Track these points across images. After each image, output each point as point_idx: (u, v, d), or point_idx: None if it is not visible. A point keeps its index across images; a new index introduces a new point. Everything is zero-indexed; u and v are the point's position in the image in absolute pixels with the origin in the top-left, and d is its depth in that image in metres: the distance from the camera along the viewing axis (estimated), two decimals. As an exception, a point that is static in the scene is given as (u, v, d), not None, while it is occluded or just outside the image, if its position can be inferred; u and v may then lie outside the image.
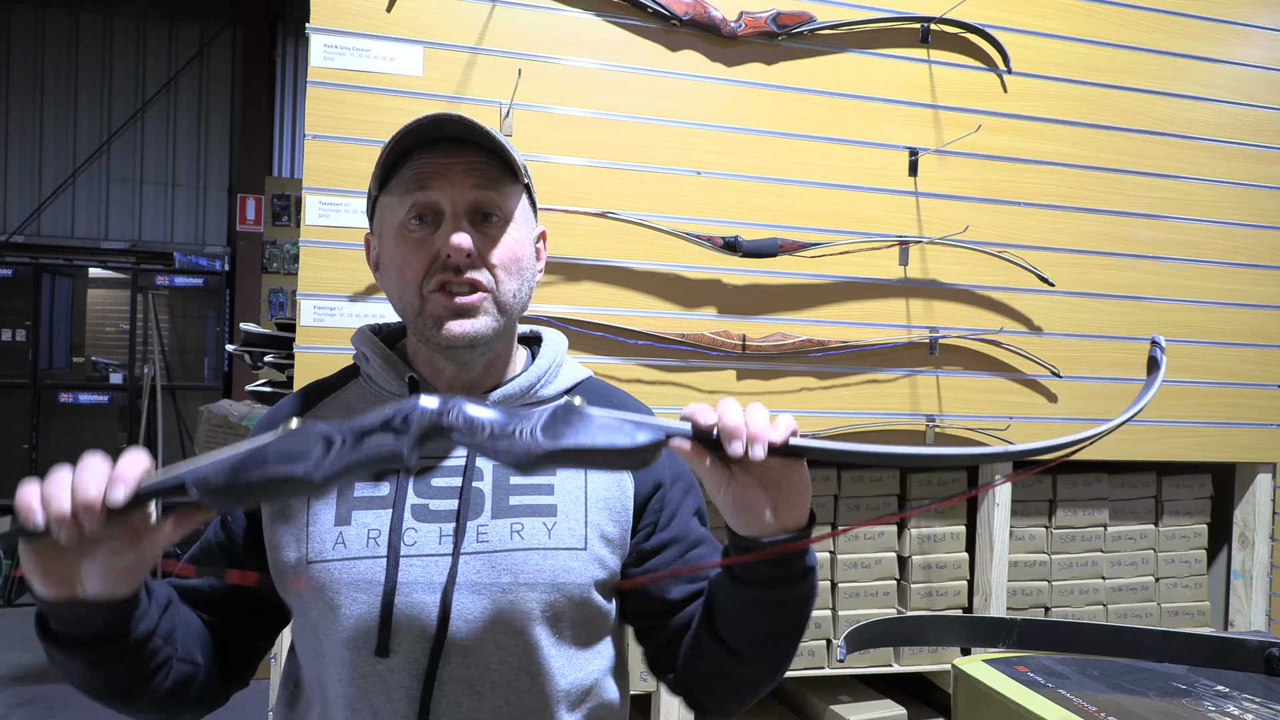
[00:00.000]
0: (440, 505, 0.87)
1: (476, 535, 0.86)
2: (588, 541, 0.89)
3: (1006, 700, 1.05)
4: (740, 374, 1.83)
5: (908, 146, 1.92)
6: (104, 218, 6.96)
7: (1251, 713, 0.99)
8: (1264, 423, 2.17)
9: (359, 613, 0.84)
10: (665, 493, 0.95)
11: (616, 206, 1.74)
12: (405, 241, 0.87)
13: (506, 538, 0.86)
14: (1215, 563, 2.30)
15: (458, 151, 0.88)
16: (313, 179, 1.62)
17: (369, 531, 0.86)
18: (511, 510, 0.88)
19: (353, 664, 0.83)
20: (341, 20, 1.63)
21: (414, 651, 0.83)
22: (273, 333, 1.99)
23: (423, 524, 0.86)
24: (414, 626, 0.83)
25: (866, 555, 1.98)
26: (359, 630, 0.83)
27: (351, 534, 0.86)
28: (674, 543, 0.94)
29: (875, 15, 1.88)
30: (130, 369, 6.30)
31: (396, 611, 0.83)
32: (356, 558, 0.85)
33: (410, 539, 0.85)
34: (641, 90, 1.77)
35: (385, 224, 0.91)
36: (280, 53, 7.24)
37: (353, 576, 0.84)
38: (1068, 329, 2.02)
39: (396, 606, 0.83)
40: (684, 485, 0.97)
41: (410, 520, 0.86)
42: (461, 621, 0.83)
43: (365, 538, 0.86)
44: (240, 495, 0.61)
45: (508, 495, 0.89)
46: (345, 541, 0.86)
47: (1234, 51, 2.14)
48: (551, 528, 0.88)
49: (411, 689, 0.82)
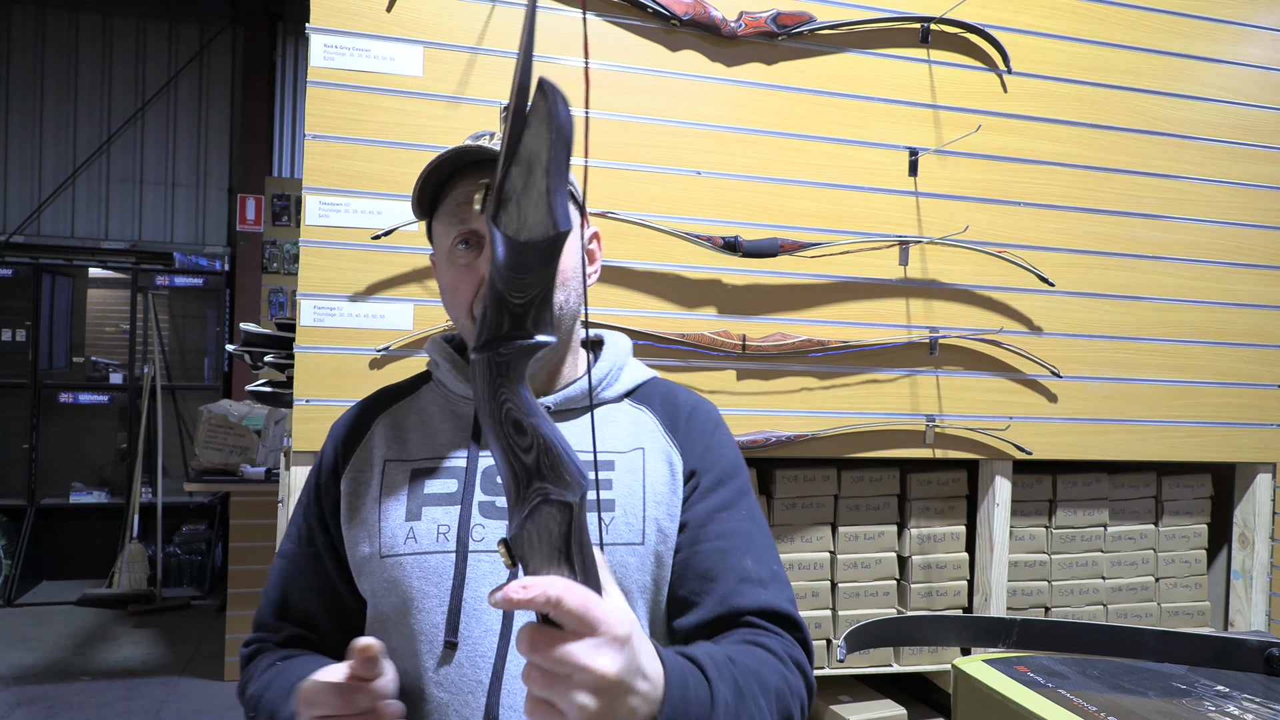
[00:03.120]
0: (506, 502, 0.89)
1: None
2: (645, 536, 0.91)
3: (1006, 700, 1.05)
4: (740, 374, 1.83)
5: (908, 146, 1.92)
6: (104, 218, 6.95)
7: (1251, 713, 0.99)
8: (1264, 423, 2.17)
9: (429, 605, 0.86)
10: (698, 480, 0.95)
11: (616, 206, 1.74)
12: (454, 267, 0.93)
13: None
14: (1215, 563, 2.30)
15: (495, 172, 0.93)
16: (313, 179, 1.62)
17: (439, 527, 0.89)
18: None
19: (422, 657, 0.86)
20: (341, 20, 1.63)
21: (482, 645, 0.85)
22: (273, 333, 1.99)
23: (490, 520, 0.89)
24: (481, 620, 0.85)
25: (866, 555, 1.98)
26: (430, 623, 0.86)
27: (422, 529, 0.90)
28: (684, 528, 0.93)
29: (875, 15, 1.88)
30: (130, 369, 6.30)
31: (465, 605, 0.85)
32: (427, 552, 0.88)
33: (479, 535, 0.88)
34: (641, 90, 1.77)
35: (438, 249, 0.97)
36: (280, 53, 7.24)
37: (423, 570, 0.87)
38: (1068, 329, 2.02)
39: (465, 600, 0.85)
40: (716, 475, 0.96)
41: (478, 516, 0.89)
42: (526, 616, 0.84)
43: (435, 533, 0.89)
44: None
45: None
46: (416, 536, 0.89)
47: (1234, 51, 2.14)
48: (610, 523, 0.90)
49: (480, 683, 0.84)
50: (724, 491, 0.95)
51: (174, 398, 6.45)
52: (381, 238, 1.63)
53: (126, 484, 5.86)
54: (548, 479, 0.55)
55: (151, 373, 6.03)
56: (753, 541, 0.92)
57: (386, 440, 0.97)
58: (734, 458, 0.99)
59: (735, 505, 0.95)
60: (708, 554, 0.90)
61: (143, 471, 5.74)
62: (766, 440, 1.81)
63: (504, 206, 0.50)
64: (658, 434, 0.98)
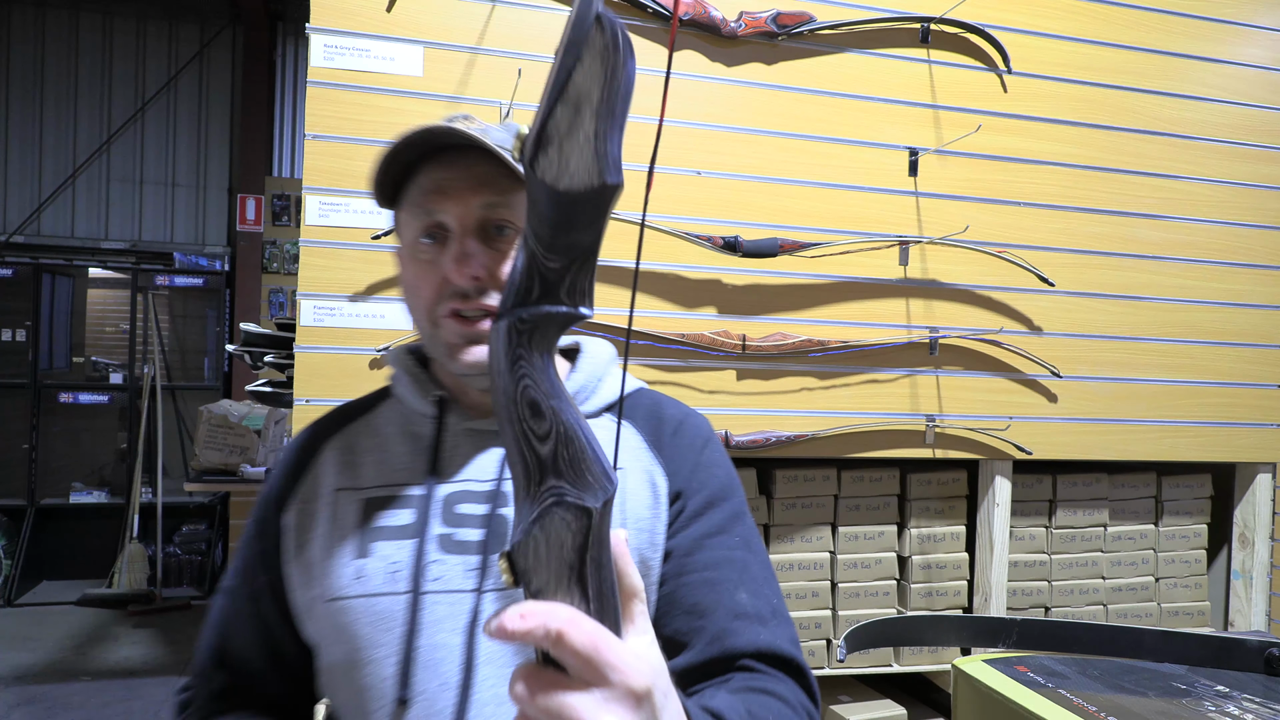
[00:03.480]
0: (467, 535, 0.80)
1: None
2: None
3: (1006, 700, 1.05)
4: (740, 374, 1.83)
5: (908, 146, 1.92)
6: (104, 218, 6.95)
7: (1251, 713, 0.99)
8: (1264, 423, 2.17)
9: (379, 655, 0.77)
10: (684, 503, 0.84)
11: (616, 206, 1.74)
12: (416, 262, 0.83)
13: None
14: (1215, 563, 2.30)
15: (465, 161, 0.82)
16: (313, 179, 1.62)
17: (390, 564, 0.79)
18: None
19: (372, 715, 0.77)
20: (341, 20, 1.63)
21: (439, 702, 0.75)
22: (273, 333, 2.00)
23: (450, 556, 0.79)
24: (438, 672, 0.75)
25: (866, 555, 1.98)
26: (379, 675, 0.76)
27: (371, 567, 0.79)
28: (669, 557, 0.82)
29: (875, 15, 1.88)
30: (130, 369, 6.30)
31: (419, 655, 0.75)
32: (377, 594, 0.78)
33: (435, 573, 0.78)
34: (641, 90, 1.77)
35: (402, 241, 0.86)
36: (280, 53, 7.24)
37: (373, 615, 0.78)
38: (1068, 329, 2.02)
39: (418, 649, 0.76)
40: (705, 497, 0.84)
41: (435, 552, 0.79)
42: (490, 667, 0.75)
43: (386, 571, 0.79)
44: None
45: None
46: (364, 576, 0.79)
47: (1234, 51, 2.14)
48: None
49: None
50: (714, 515, 0.83)
51: (174, 398, 6.45)
52: (381, 238, 1.63)
53: (126, 484, 5.86)
54: (565, 476, 0.45)
55: (151, 373, 6.03)
56: (747, 572, 0.80)
57: (337, 466, 0.87)
58: (726, 478, 0.87)
59: (727, 530, 0.83)
60: (696, 586, 0.79)
61: (143, 471, 5.73)
62: (766, 440, 1.81)
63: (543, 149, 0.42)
64: (640, 450, 0.87)
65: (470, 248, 0.80)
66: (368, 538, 0.81)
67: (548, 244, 0.44)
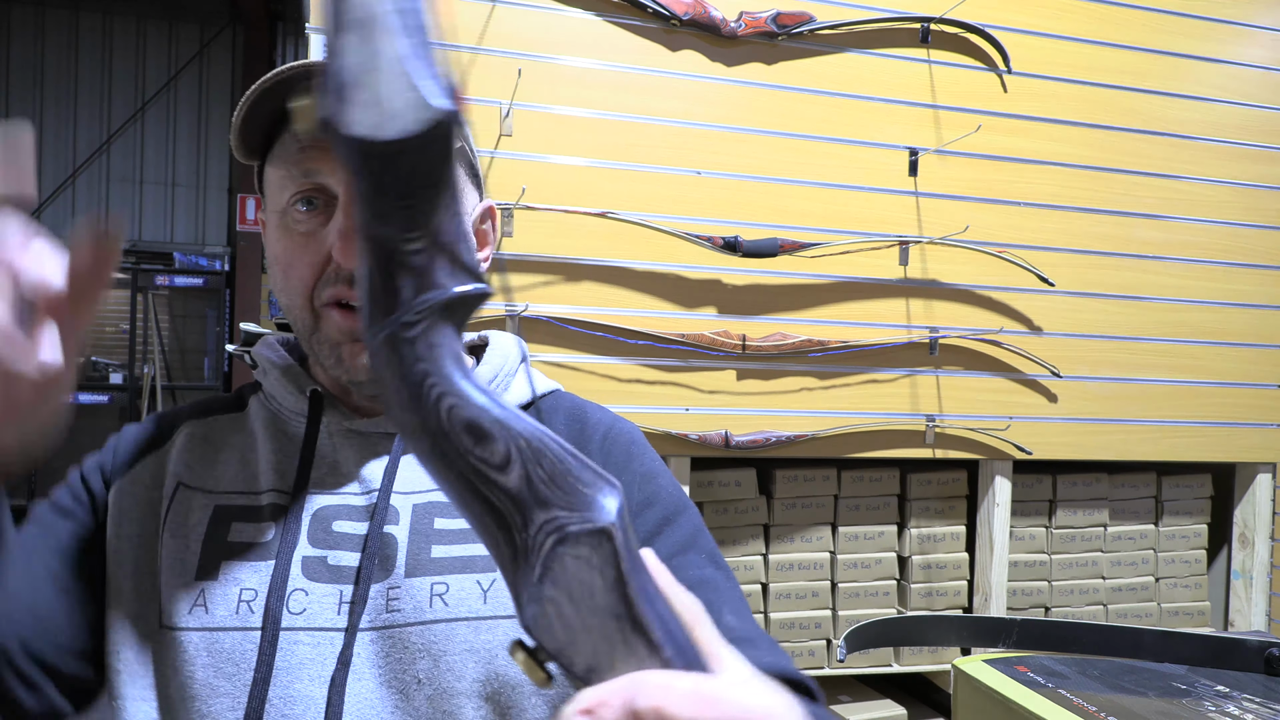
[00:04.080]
0: (342, 559, 0.64)
1: (386, 601, 0.62)
2: None
3: (1006, 700, 1.05)
4: (740, 374, 1.83)
5: (908, 146, 1.92)
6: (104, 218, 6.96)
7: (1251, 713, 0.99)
8: (1264, 423, 2.17)
9: (217, 709, 0.60)
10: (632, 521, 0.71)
11: (616, 206, 1.74)
12: (289, 234, 0.66)
13: (425, 604, 0.62)
14: (1215, 563, 2.30)
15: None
16: (313, 179, 1.62)
17: (241, 592, 0.63)
18: (434, 565, 0.64)
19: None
20: (341, 20, 1.63)
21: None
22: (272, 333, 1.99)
23: (317, 584, 0.63)
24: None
25: (866, 555, 1.98)
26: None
27: (218, 593, 0.63)
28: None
29: (875, 15, 1.88)
30: (130, 369, 6.30)
31: (270, 708, 0.59)
32: (221, 628, 0.62)
33: (298, 604, 0.62)
34: (641, 90, 1.77)
35: (271, 205, 0.69)
36: (280, 53, 7.24)
37: (215, 655, 0.61)
38: (1068, 329, 2.02)
39: (270, 700, 0.60)
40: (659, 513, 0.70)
41: (300, 578, 0.63)
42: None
43: (236, 600, 0.62)
44: None
45: (429, 544, 0.65)
46: (208, 604, 0.62)
47: (1234, 51, 2.14)
48: (489, 586, 0.64)
49: None
50: (674, 533, 0.70)
51: (174, 398, 6.45)
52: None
53: (126, 484, 5.87)
54: (554, 503, 0.33)
55: (151, 373, 6.03)
56: (724, 593, 0.68)
57: (187, 455, 0.70)
58: (673, 488, 0.74)
59: (693, 548, 0.70)
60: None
61: (143, 471, 5.74)
62: (766, 440, 1.81)
63: (343, 96, 0.31)
64: None
65: None
66: (215, 554, 0.64)
67: (398, 222, 0.33)
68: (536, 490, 0.33)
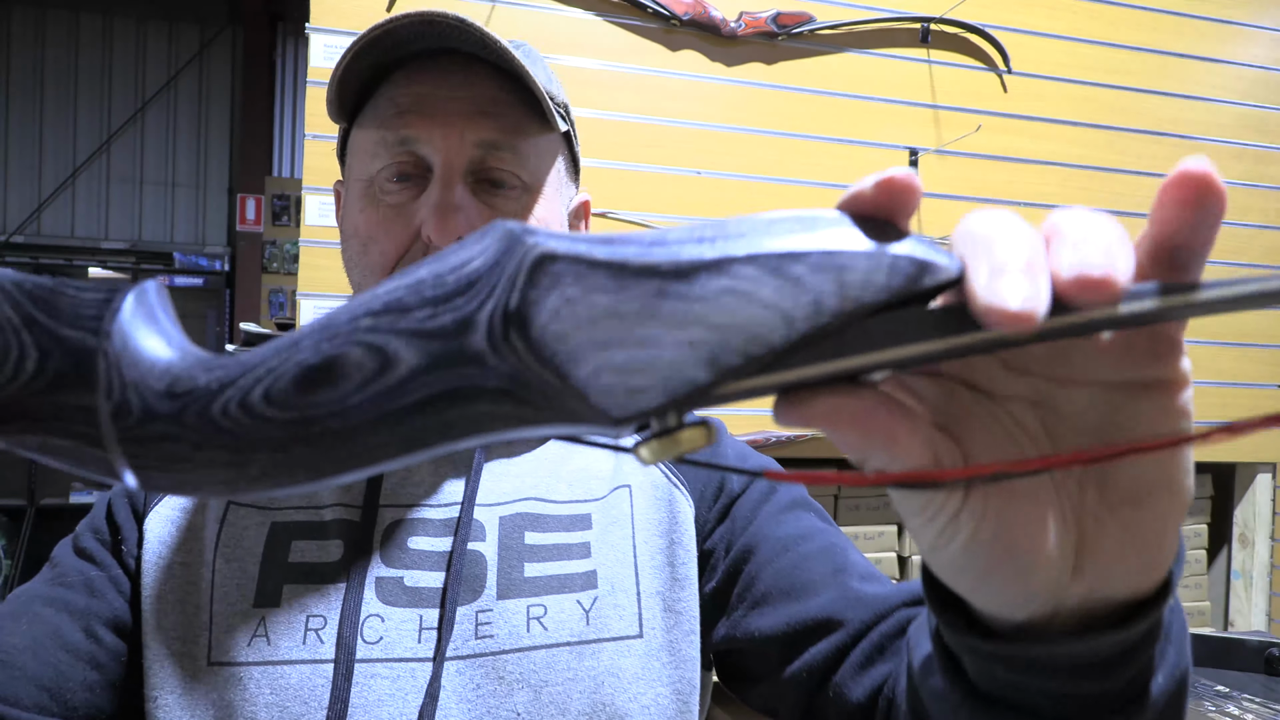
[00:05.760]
0: (421, 580, 0.57)
1: (475, 627, 0.55)
2: (643, 623, 0.58)
3: (1006, 700, 1.05)
4: (740, 374, 1.83)
5: (908, 146, 1.92)
6: (104, 218, 6.95)
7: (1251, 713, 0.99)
8: (1264, 423, 2.17)
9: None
10: (730, 498, 0.65)
11: (616, 206, 1.74)
12: (375, 206, 0.61)
13: (521, 629, 0.55)
14: (1215, 563, 2.30)
15: (464, 74, 0.59)
16: (313, 179, 1.62)
17: (309, 619, 0.55)
18: (528, 585, 0.57)
19: None
20: (341, 20, 1.63)
21: None
22: (273, 333, 2.00)
23: (394, 609, 0.56)
24: None
25: (867, 555, 1.98)
26: None
27: (281, 622, 0.55)
28: (746, 550, 0.62)
29: (875, 15, 1.88)
30: (130, 369, 6.30)
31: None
32: (286, 661, 0.54)
33: (373, 632, 0.55)
34: (641, 90, 1.77)
35: (354, 173, 0.64)
36: (280, 53, 7.24)
37: (280, 692, 0.53)
38: (1068, 329, 2.02)
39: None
40: (760, 486, 0.66)
41: (375, 603, 0.56)
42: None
43: (303, 629, 0.55)
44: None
45: (521, 561, 0.58)
46: (269, 634, 0.55)
47: (1234, 51, 2.14)
48: (590, 606, 0.57)
49: None
50: (779, 498, 0.65)
51: (174, 398, 6.45)
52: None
53: (126, 484, 5.87)
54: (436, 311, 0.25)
55: (151, 373, 6.03)
56: (840, 540, 0.63)
57: None
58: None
59: (801, 508, 0.65)
60: (804, 562, 0.59)
61: (143, 471, 5.74)
62: (766, 440, 1.81)
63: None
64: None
65: (459, 198, 0.58)
66: (275, 577, 0.57)
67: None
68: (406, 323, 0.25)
